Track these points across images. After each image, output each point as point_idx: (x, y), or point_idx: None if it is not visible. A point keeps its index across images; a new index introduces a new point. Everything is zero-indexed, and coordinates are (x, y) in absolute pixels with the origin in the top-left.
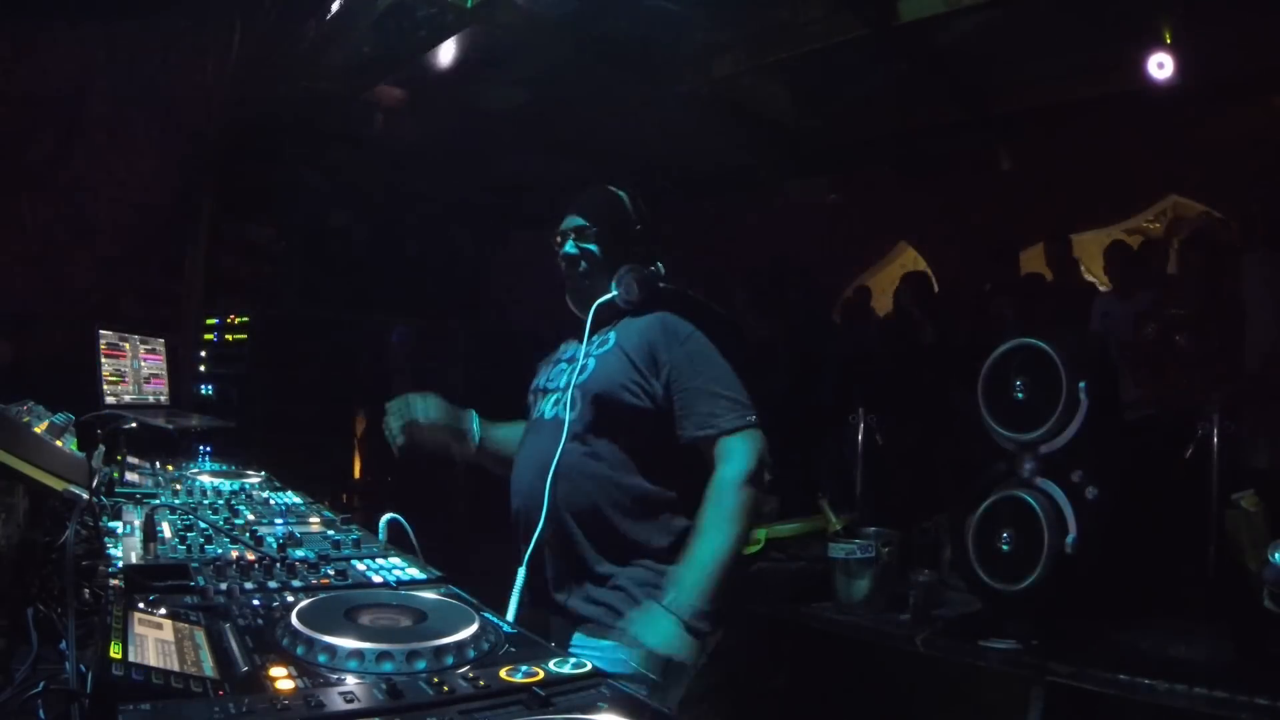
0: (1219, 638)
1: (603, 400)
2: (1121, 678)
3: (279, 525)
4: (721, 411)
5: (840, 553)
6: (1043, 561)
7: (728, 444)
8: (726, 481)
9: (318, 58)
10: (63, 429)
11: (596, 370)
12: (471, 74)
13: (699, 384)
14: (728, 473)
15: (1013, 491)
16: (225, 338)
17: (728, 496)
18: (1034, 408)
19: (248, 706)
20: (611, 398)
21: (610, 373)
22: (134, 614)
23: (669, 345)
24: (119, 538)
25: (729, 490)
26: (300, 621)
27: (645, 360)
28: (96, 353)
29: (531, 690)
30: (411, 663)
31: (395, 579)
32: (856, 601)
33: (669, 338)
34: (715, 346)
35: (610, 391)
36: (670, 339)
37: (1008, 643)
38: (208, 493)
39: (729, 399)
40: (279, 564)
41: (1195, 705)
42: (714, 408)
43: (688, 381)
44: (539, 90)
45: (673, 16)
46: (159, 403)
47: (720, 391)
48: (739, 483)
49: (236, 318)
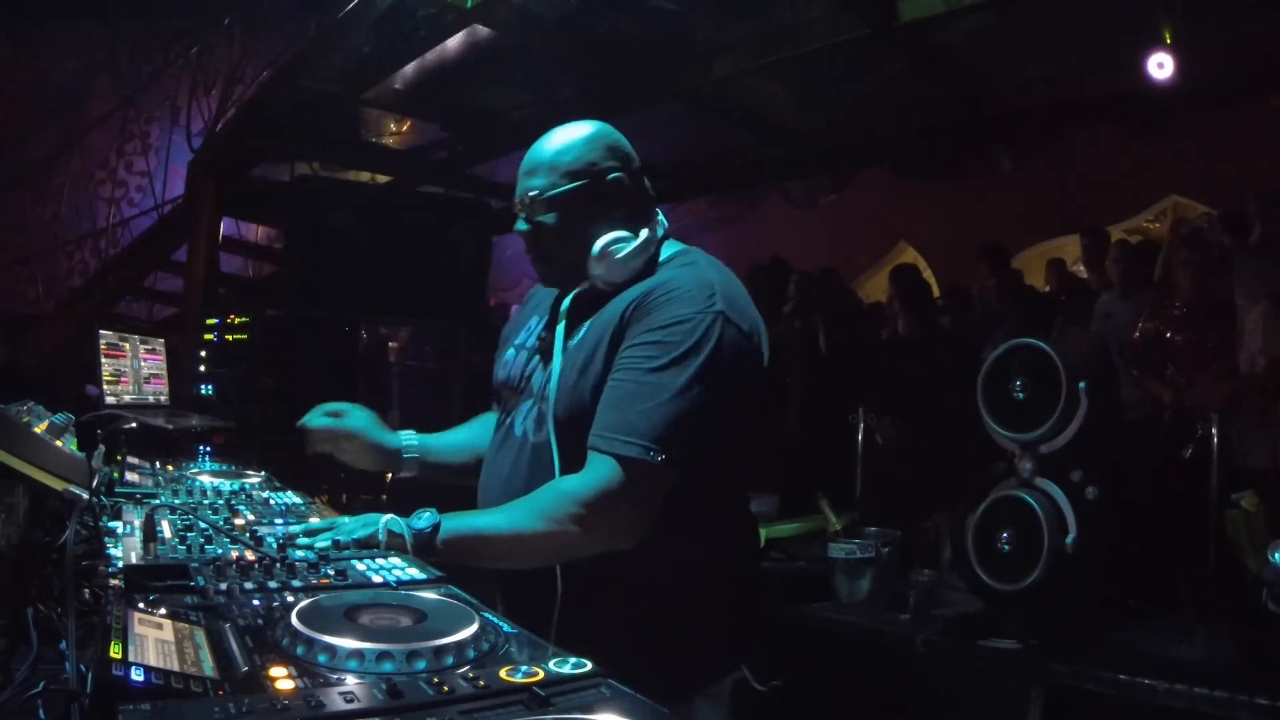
0: (1219, 638)
1: (571, 422)
2: (1121, 678)
3: (279, 525)
4: (626, 429)
5: (840, 553)
6: (1043, 561)
7: (609, 462)
8: (563, 485)
9: (318, 58)
10: (63, 429)
11: (563, 380)
12: (471, 74)
13: (631, 380)
14: (572, 481)
15: (1013, 491)
16: (225, 338)
17: (549, 497)
18: (1034, 408)
19: (248, 706)
20: (579, 419)
21: (578, 386)
22: (134, 614)
23: (640, 325)
24: (119, 538)
25: (555, 493)
26: (300, 621)
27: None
28: (96, 353)
29: (531, 690)
30: (411, 663)
31: (395, 579)
32: (856, 601)
33: (642, 318)
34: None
35: (575, 414)
36: (647, 319)
37: (1008, 643)
38: (208, 493)
39: (646, 421)
40: (279, 564)
41: (1195, 705)
42: (623, 419)
43: (623, 373)
44: (539, 90)
45: (673, 16)
46: (159, 403)
47: (643, 406)
48: (572, 497)
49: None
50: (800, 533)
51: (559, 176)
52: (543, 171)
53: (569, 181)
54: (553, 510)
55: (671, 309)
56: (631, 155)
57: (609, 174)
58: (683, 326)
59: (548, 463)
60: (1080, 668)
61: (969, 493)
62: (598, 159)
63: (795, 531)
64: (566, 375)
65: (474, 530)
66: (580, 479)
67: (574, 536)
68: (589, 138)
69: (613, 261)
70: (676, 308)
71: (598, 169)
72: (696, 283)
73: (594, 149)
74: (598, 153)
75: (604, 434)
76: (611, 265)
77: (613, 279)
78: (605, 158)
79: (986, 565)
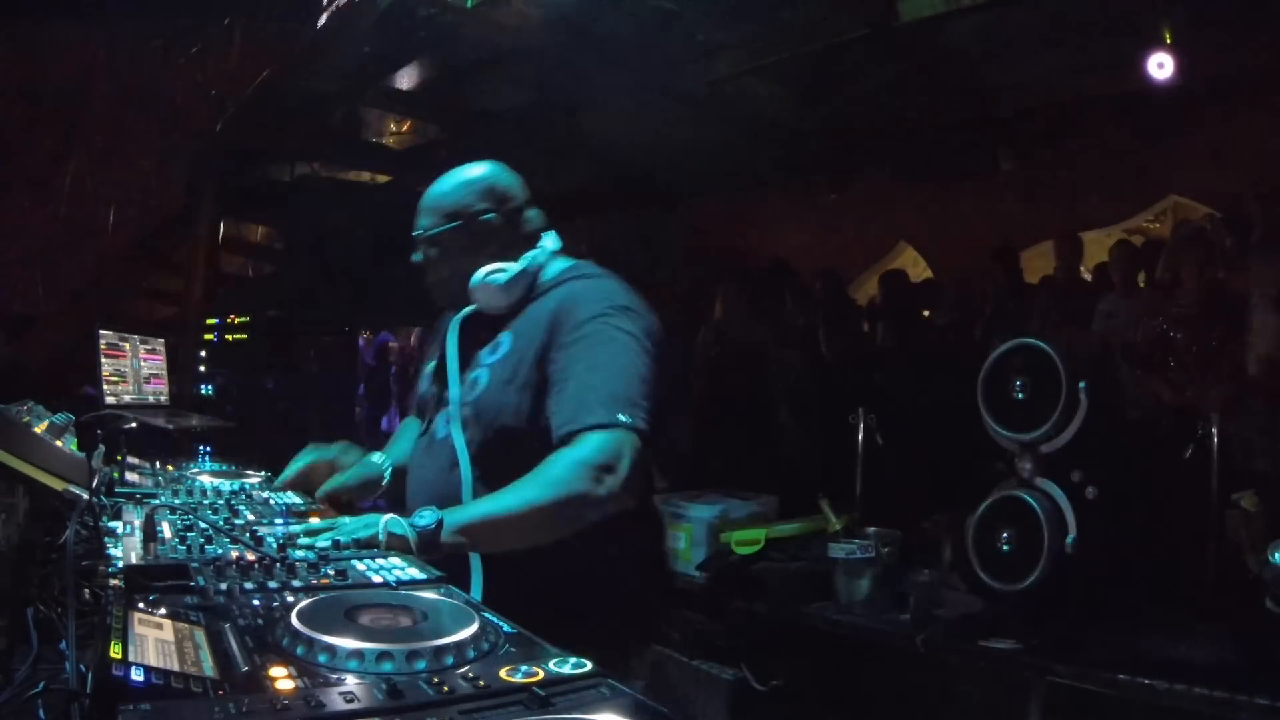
0: (1219, 638)
1: (498, 428)
2: (1121, 678)
3: (279, 525)
4: (591, 406)
5: (840, 553)
6: (1043, 561)
7: (587, 437)
8: (563, 455)
9: (318, 58)
10: (63, 429)
11: (489, 388)
12: (471, 74)
13: (577, 373)
14: (569, 452)
15: (1013, 491)
16: (225, 338)
17: (556, 466)
18: (1034, 408)
19: (248, 706)
20: (507, 425)
21: (504, 395)
22: (134, 614)
23: (560, 335)
24: (119, 538)
25: (560, 462)
26: (300, 621)
27: (541, 358)
28: (96, 353)
29: (531, 690)
30: (411, 663)
31: (395, 579)
32: (856, 601)
33: (562, 326)
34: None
35: (502, 419)
36: (563, 327)
37: (1008, 643)
38: (208, 493)
39: (605, 394)
40: (279, 564)
41: (1195, 705)
42: (584, 400)
43: (566, 373)
44: (539, 90)
45: (673, 16)
46: (159, 403)
47: (597, 384)
48: (577, 461)
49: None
50: (800, 533)
51: (440, 218)
52: (427, 213)
53: (447, 222)
54: (565, 475)
55: (586, 309)
56: (510, 195)
57: (481, 215)
58: (600, 320)
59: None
60: (1080, 668)
61: (969, 493)
62: (472, 202)
63: (795, 531)
64: (494, 384)
65: (482, 516)
66: (577, 449)
67: (590, 499)
68: (467, 181)
69: (491, 290)
70: (590, 307)
71: (471, 211)
72: (597, 288)
73: (470, 193)
74: (472, 196)
75: (577, 414)
76: (490, 293)
77: (493, 304)
78: (479, 200)
79: (986, 565)
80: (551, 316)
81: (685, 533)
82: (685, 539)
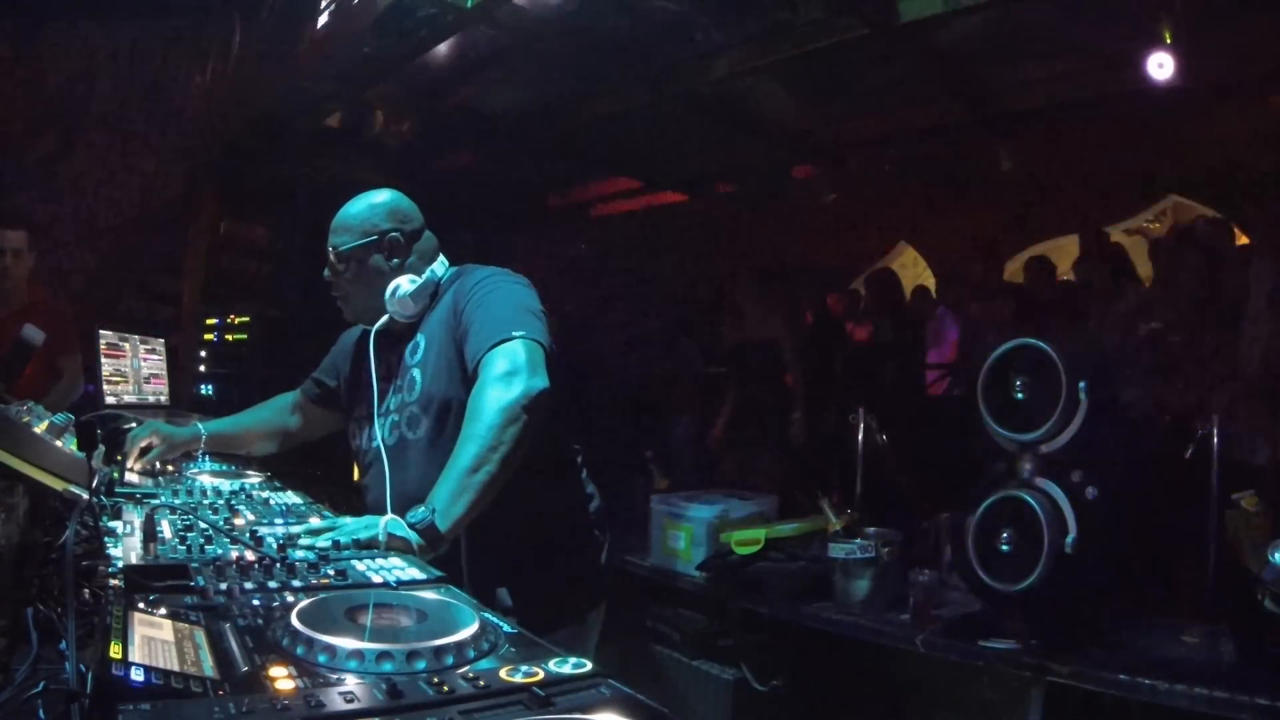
0: (1219, 638)
1: (450, 409)
2: (1121, 678)
3: (279, 525)
4: (487, 334)
5: (840, 553)
6: (1043, 561)
7: (488, 356)
8: (476, 390)
9: (318, 58)
10: (63, 429)
11: (429, 383)
12: (471, 74)
13: (476, 318)
14: (479, 382)
15: (1013, 491)
16: (225, 338)
17: (474, 404)
18: (1034, 408)
19: (248, 706)
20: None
21: (440, 381)
22: (134, 614)
23: (460, 304)
24: (119, 538)
25: (476, 399)
26: (300, 621)
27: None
28: (96, 353)
29: (531, 690)
30: (411, 663)
31: (395, 579)
32: (856, 601)
33: (461, 298)
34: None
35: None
36: (462, 298)
37: (1008, 643)
38: (208, 493)
39: (497, 321)
40: (279, 564)
41: (1195, 705)
42: (481, 332)
43: (469, 323)
44: (539, 90)
45: (673, 16)
46: (159, 403)
47: (491, 316)
48: (484, 384)
49: (236, 318)
50: (800, 533)
51: (355, 235)
52: (340, 231)
53: (362, 239)
54: (484, 405)
55: (475, 277)
56: (410, 217)
57: (389, 234)
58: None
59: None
60: (1080, 668)
61: (969, 493)
62: (379, 222)
63: (795, 531)
64: (429, 377)
65: (460, 485)
66: (484, 372)
67: (512, 409)
68: (376, 204)
69: (403, 299)
70: (478, 275)
71: (380, 229)
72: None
73: (378, 214)
74: (380, 217)
75: (478, 345)
76: (403, 302)
77: (405, 313)
78: (386, 220)
79: (986, 565)
80: (452, 300)
81: (685, 533)
82: (685, 539)
